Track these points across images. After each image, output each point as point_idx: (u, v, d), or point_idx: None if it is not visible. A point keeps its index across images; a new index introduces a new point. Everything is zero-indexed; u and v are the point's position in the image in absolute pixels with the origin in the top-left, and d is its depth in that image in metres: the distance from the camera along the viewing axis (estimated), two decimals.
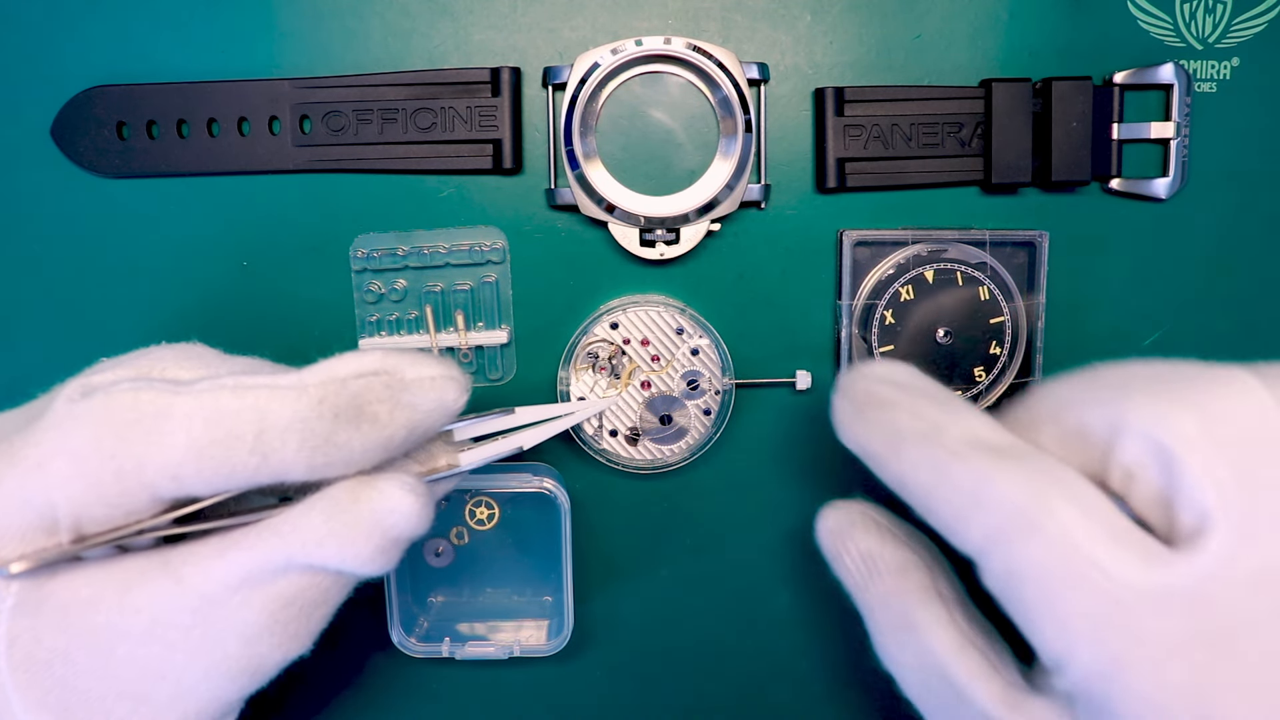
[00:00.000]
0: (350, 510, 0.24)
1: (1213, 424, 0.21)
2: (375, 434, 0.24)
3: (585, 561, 0.36)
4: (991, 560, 0.22)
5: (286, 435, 0.23)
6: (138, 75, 0.33)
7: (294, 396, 0.23)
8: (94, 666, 0.23)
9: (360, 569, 0.24)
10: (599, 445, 0.34)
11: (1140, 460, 0.22)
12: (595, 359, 0.34)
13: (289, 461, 0.23)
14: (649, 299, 0.34)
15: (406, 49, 0.34)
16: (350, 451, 0.23)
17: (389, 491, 0.24)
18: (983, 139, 0.33)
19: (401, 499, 0.24)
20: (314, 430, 0.23)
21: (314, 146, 0.33)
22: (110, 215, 0.34)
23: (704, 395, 0.34)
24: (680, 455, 0.34)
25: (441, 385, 0.25)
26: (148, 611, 0.23)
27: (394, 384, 0.24)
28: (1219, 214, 0.34)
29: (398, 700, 0.36)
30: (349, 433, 0.23)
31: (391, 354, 0.25)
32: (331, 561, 0.24)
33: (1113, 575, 0.21)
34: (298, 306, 0.34)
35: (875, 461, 0.26)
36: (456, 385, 0.25)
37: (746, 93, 0.33)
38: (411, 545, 0.25)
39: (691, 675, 0.36)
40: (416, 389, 0.24)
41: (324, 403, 0.23)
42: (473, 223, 0.34)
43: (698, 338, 0.34)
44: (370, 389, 0.24)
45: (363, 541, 0.24)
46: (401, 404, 0.24)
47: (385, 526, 0.24)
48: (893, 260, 0.34)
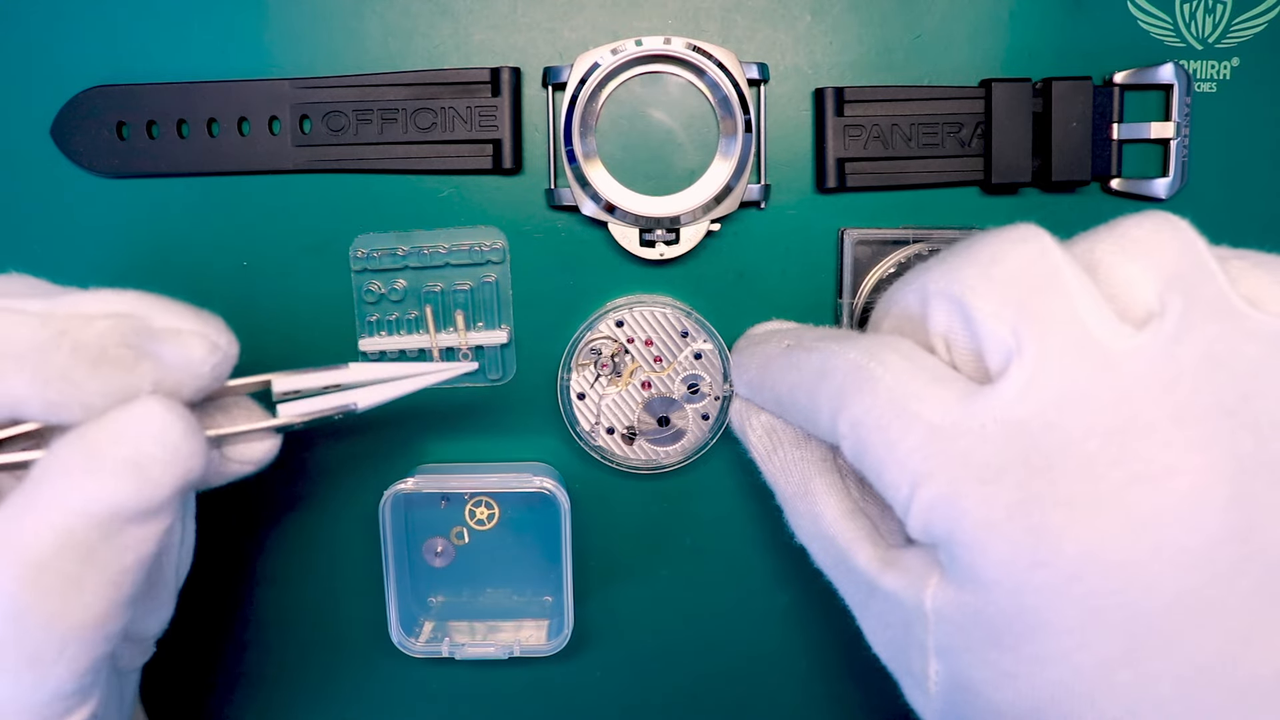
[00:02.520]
0: (93, 431, 0.22)
1: (992, 267, 0.23)
2: (115, 379, 0.22)
3: (585, 561, 0.36)
4: (839, 422, 0.24)
5: (21, 363, 0.22)
6: (138, 75, 0.33)
7: (37, 324, 0.22)
8: None
9: (112, 496, 0.21)
10: (595, 442, 0.34)
11: (947, 321, 0.24)
12: (598, 355, 0.34)
13: (21, 391, 0.22)
14: (655, 299, 0.34)
15: (406, 49, 0.34)
16: (87, 394, 0.22)
17: (134, 406, 0.22)
18: (983, 139, 0.33)
19: (149, 407, 0.22)
20: (50, 362, 0.22)
21: (314, 146, 0.33)
22: (110, 215, 0.34)
23: (704, 400, 0.34)
24: (675, 458, 0.34)
25: (189, 341, 0.23)
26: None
27: (141, 330, 0.23)
28: (1219, 214, 0.34)
29: (398, 700, 0.36)
30: (86, 372, 0.22)
31: (148, 299, 0.23)
32: (76, 491, 0.21)
33: (937, 410, 0.22)
34: (298, 306, 0.34)
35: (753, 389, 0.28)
36: (204, 343, 0.23)
37: (746, 93, 0.33)
38: (410, 546, 0.25)
39: (691, 675, 0.36)
40: (163, 339, 0.23)
41: (64, 335, 0.22)
42: (473, 223, 0.34)
43: (701, 342, 0.33)
44: (115, 330, 0.22)
45: (109, 459, 0.21)
46: (145, 352, 0.23)
47: (131, 438, 0.22)
48: (893, 259, 0.34)
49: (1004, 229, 0.24)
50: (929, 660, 0.24)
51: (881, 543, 0.26)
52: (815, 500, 0.28)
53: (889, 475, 0.23)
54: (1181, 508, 0.20)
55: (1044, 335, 0.21)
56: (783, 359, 0.27)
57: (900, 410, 0.23)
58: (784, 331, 0.28)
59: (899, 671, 0.26)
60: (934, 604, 0.23)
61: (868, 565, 0.26)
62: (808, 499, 0.28)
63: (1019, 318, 0.22)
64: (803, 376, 0.26)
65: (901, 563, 0.25)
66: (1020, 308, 0.22)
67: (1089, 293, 0.22)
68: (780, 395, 0.27)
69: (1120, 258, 0.22)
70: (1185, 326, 0.21)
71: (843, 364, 0.25)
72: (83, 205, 0.34)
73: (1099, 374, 0.21)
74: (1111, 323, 0.21)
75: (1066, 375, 0.21)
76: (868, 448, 0.23)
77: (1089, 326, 0.21)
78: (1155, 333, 0.21)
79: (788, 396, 0.27)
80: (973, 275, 0.23)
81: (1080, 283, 0.22)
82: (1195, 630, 0.20)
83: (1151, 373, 0.21)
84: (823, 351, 0.26)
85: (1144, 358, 0.21)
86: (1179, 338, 0.21)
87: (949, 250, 0.25)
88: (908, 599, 0.24)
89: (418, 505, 0.35)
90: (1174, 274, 0.22)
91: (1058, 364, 0.21)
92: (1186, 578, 0.20)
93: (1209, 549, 0.20)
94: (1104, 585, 0.21)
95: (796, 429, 0.29)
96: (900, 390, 0.23)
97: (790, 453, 0.29)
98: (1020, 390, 0.21)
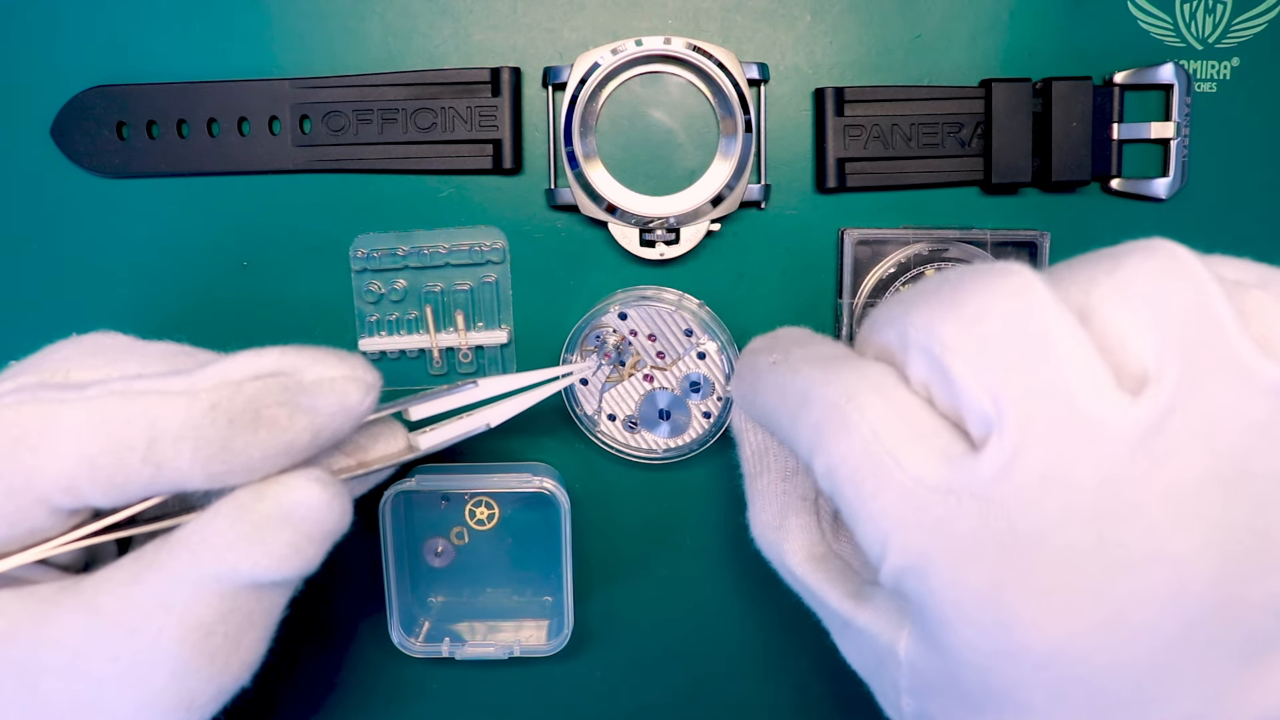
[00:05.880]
0: (255, 508, 0.22)
1: (975, 325, 0.20)
2: (274, 439, 0.22)
3: (585, 561, 0.36)
4: (816, 460, 0.23)
5: (180, 444, 0.22)
6: (138, 75, 0.33)
7: (185, 402, 0.22)
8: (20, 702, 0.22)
9: (275, 571, 0.22)
10: (596, 428, 0.34)
11: (926, 376, 0.22)
12: (601, 344, 0.33)
13: (184, 470, 0.22)
14: (661, 292, 0.34)
15: (406, 49, 0.34)
16: (249, 459, 0.22)
17: (295, 485, 0.23)
18: (983, 139, 0.33)
19: (309, 490, 0.23)
20: (208, 438, 0.22)
21: (314, 146, 0.33)
22: (110, 215, 0.34)
23: (706, 399, 0.34)
24: (676, 450, 0.34)
25: (343, 387, 0.23)
26: (67, 645, 0.22)
27: (292, 386, 0.23)
28: (1219, 214, 0.34)
29: (398, 700, 0.36)
30: (246, 439, 0.22)
31: (291, 352, 0.23)
32: (243, 566, 0.22)
33: (912, 473, 0.21)
34: (298, 306, 0.34)
35: (745, 401, 0.27)
36: (360, 386, 0.23)
37: (746, 93, 0.33)
38: (410, 546, 0.25)
39: (691, 675, 0.36)
40: (316, 391, 0.23)
41: (217, 408, 0.22)
42: (473, 223, 0.34)
43: (707, 340, 0.33)
44: (267, 392, 0.22)
45: (272, 539, 0.22)
46: (301, 408, 0.23)
47: (295, 520, 0.23)
48: (894, 259, 0.34)
49: (991, 270, 0.21)
50: (901, 695, 0.24)
51: (855, 578, 0.26)
52: (788, 536, 0.27)
53: (861, 529, 0.22)
54: (1162, 594, 0.19)
55: (1028, 410, 0.19)
56: (770, 376, 0.26)
57: (876, 465, 0.21)
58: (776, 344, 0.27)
59: (875, 690, 0.26)
60: (907, 656, 0.23)
61: (840, 605, 0.25)
62: (780, 532, 0.28)
63: (1001, 387, 0.20)
64: (785, 401, 0.25)
65: (876, 602, 0.24)
66: (1004, 375, 0.20)
67: (1079, 356, 0.19)
68: (767, 412, 0.26)
69: (1119, 308, 0.20)
70: (1185, 390, 0.19)
71: (821, 400, 0.23)
72: (83, 205, 0.34)
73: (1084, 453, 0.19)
74: (1102, 391, 0.19)
75: (1049, 455, 0.19)
76: (842, 497, 0.22)
77: (1077, 399, 0.19)
78: (1151, 402, 0.19)
79: (773, 416, 0.25)
80: (954, 333, 0.21)
81: (1071, 344, 0.20)
82: (1166, 699, 0.20)
83: (1142, 448, 0.19)
84: (806, 378, 0.24)
85: (1135, 433, 0.19)
86: (1175, 406, 0.19)
87: (932, 284, 0.23)
88: (882, 640, 0.24)
89: (418, 505, 0.35)
90: (1177, 327, 0.19)
91: (1041, 442, 0.19)
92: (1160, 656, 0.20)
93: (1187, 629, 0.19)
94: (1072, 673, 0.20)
95: (785, 460, 0.28)
96: (877, 443, 0.21)
97: (775, 483, 0.28)
98: (1000, 468, 0.20)
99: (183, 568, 0.22)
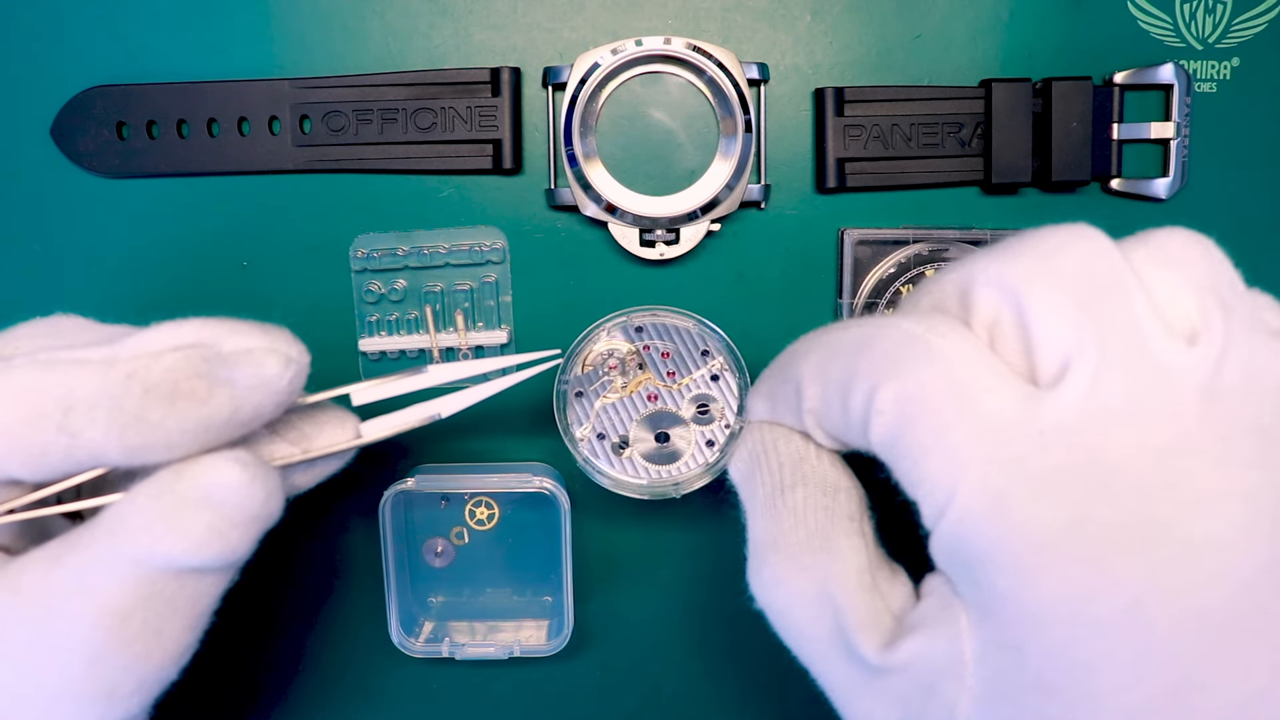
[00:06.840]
0: (173, 489, 0.22)
1: (1053, 258, 0.21)
2: (192, 412, 0.22)
3: (585, 561, 0.36)
4: (879, 396, 0.21)
5: (94, 413, 0.21)
6: (138, 75, 0.33)
7: (102, 372, 0.21)
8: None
9: (195, 555, 0.22)
10: (581, 449, 0.32)
11: (995, 311, 0.22)
12: (607, 355, 0.33)
13: (100, 441, 0.21)
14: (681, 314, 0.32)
15: (406, 49, 0.34)
16: (167, 432, 0.22)
17: (214, 465, 0.22)
18: (983, 139, 0.33)
19: (227, 470, 0.22)
20: (123, 408, 0.21)
21: (314, 146, 0.33)
22: (110, 215, 0.34)
23: (712, 424, 0.32)
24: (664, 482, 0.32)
25: (260, 359, 0.22)
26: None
27: (211, 358, 0.22)
28: (1219, 214, 0.34)
29: (398, 700, 0.36)
30: (163, 410, 0.21)
31: (212, 323, 0.23)
32: (160, 548, 0.22)
33: (993, 405, 0.20)
34: (298, 306, 0.34)
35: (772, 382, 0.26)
36: (279, 359, 0.23)
37: (746, 93, 0.33)
38: (410, 546, 0.25)
39: (691, 675, 0.36)
40: (234, 363, 0.22)
41: (133, 378, 0.21)
42: (473, 223, 0.34)
43: (722, 366, 0.32)
44: (186, 363, 0.22)
45: (189, 521, 0.22)
46: (219, 380, 0.22)
47: (214, 502, 0.22)
48: (894, 259, 0.34)
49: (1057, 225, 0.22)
50: None
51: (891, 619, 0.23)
52: (835, 559, 0.23)
53: (930, 465, 0.21)
54: (1233, 534, 0.19)
55: (1106, 340, 0.20)
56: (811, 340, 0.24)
57: (958, 393, 0.21)
58: None
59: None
60: (971, 648, 0.21)
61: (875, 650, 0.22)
62: (825, 554, 0.24)
63: (1081, 317, 0.20)
64: (837, 350, 0.23)
65: (917, 621, 0.22)
66: (1083, 307, 0.20)
67: (1147, 301, 0.20)
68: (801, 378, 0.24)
69: (1161, 269, 0.21)
70: (1228, 344, 0.20)
71: (894, 332, 0.22)
72: (83, 205, 0.34)
73: (1155, 390, 0.20)
74: (1168, 335, 0.20)
75: (1125, 387, 0.20)
76: (912, 429, 0.21)
77: (1148, 337, 0.20)
78: (1206, 349, 0.20)
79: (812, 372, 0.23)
80: (1032, 266, 0.21)
81: (1140, 289, 0.20)
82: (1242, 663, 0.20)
83: (1201, 390, 0.20)
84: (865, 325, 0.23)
85: (1196, 374, 0.20)
86: (1224, 355, 0.20)
87: (992, 245, 0.23)
88: (938, 656, 0.22)
89: (418, 505, 0.35)
90: (1211, 290, 0.21)
91: (1117, 375, 0.20)
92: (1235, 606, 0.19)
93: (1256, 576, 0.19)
94: (1159, 617, 0.19)
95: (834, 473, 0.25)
96: (961, 370, 0.21)
97: (815, 497, 0.24)
98: (1081, 398, 0.20)
99: (102, 549, 0.22)
